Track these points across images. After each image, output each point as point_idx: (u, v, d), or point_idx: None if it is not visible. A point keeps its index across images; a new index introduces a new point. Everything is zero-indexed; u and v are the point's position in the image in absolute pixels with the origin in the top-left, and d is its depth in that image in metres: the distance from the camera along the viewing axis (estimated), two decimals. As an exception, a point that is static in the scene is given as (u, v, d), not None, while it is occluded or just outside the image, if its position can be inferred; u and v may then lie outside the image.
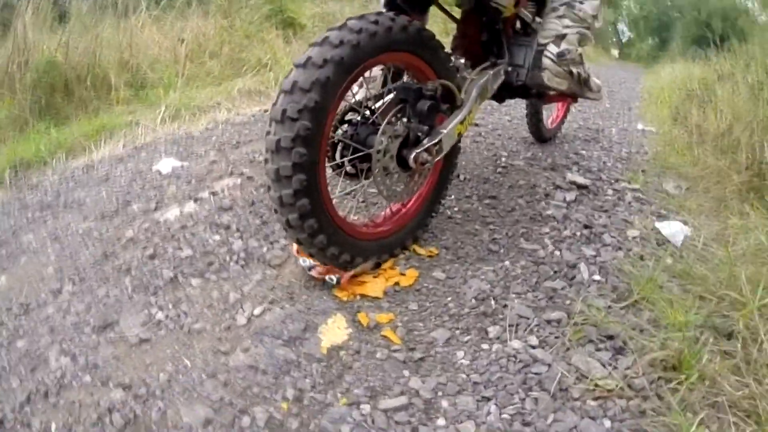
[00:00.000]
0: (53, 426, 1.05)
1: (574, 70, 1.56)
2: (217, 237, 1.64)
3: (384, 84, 1.44)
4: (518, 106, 3.34)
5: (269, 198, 1.22)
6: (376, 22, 1.19)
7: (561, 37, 1.53)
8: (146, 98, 3.22)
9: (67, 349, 1.26)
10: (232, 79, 3.57)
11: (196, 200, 1.92)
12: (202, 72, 3.60)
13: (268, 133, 1.16)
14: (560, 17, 1.54)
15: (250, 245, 1.58)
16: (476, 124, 2.87)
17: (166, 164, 2.32)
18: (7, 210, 2.11)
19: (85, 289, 1.48)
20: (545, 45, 1.54)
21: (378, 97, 1.43)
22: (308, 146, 1.14)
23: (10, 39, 3.23)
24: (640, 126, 3.11)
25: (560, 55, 1.51)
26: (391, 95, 1.39)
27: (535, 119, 2.43)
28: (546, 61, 1.52)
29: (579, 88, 1.61)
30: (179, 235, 1.67)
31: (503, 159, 2.33)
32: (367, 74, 1.64)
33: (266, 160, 1.17)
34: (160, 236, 1.69)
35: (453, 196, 1.90)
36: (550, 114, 2.68)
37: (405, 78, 1.51)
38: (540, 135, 2.51)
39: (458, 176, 2.09)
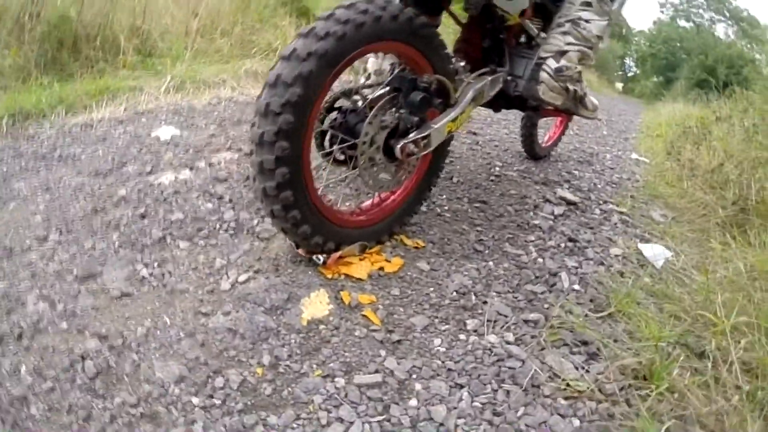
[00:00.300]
0: (23, 368, 1.05)
1: (571, 87, 1.58)
2: (209, 205, 1.64)
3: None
4: (518, 121, 3.39)
5: (253, 189, 1.22)
6: (365, 11, 1.17)
7: (562, 53, 1.55)
8: (152, 66, 3.20)
9: (46, 294, 1.25)
10: (240, 59, 3.57)
11: (191, 168, 1.92)
12: (212, 49, 3.59)
13: (252, 125, 1.17)
14: (564, 33, 1.55)
15: (241, 216, 1.58)
16: (474, 133, 2.91)
17: (165, 131, 2.31)
18: (1, 157, 2.10)
19: (72, 240, 1.47)
20: (545, 59, 1.55)
21: (374, 86, 1.43)
22: (291, 140, 1.14)
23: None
24: (634, 155, 3.17)
25: (558, 71, 1.52)
26: (386, 85, 1.38)
27: (529, 137, 2.46)
28: (543, 75, 1.54)
29: (574, 105, 1.63)
30: (172, 199, 1.67)
31: (497, 168, 2.36)
32: (371, 65, 1.66)
33: (251, 152, 1.18)
34: (153, 198, 1.68)
35: (444, 196, 1.93)
36: (547, 132, 2.72)
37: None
38: (533, 152, 2.54)
39: (451, 178, 2.12)
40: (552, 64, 1.53)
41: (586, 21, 1.52)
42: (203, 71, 3.23)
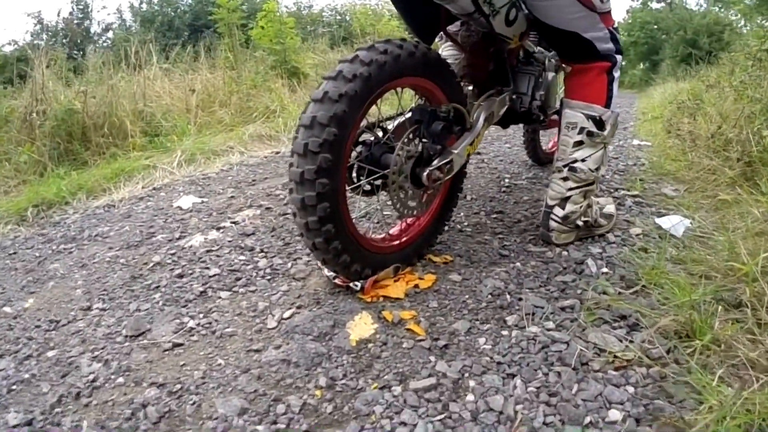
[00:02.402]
0: (84, 424, 1.08)
1: (580, 223, 1.63)
2: (242, 257, 1.72)
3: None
4: (517, 135, 3.49)
5: (295, 224, 1.29)
6: (385, 52, 1.25)
7: (566, 200, 1.59)
8: (161, 145, 3.38)
9: (99, 356, 1.30)
10: (242, 125, 3.74)
11: (218, 229, 2.01)
12: (214, 120, 3.78)
13: (291, 165, 1.23)
14: (564, 179, 1.59)
15: (275, 262, 1.66)
16: (478, 153, 3.00)
17: (186, 201, 2.43)
18: (30, 244, 2.20)
19: (115, 306, 1.54)
20: (552, 208, 1.61)
21: (390, 118, 1.52)
22: (330, 176, 1.21)
23: (27, 89, 3.42)
24: (635, 141, 3.24)
25: (565, 218, 1.59)
26: (405, 116, 1.47)
27: (532, 143, 2.56)
28: (553, 224, 1.61)
29: (588, 233, 1.69)
30: (205, 258, 1.75)
31: (506, 180, 2.44)
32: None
33: (290, 190, 1.25)
34: (187, 259, 1.77)
35: (462, 214, 1.99)
36: (551, 139, 2.81)
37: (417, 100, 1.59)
38: (538, 158, 2.63)
39: (465, 196, 2.19)
40: (558, 212, 1.60)
41: (582, 161, 1.55)
42: (210, 142, 3.40)
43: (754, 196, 1.60)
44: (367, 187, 1.44)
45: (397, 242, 1.52)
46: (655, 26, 18.83)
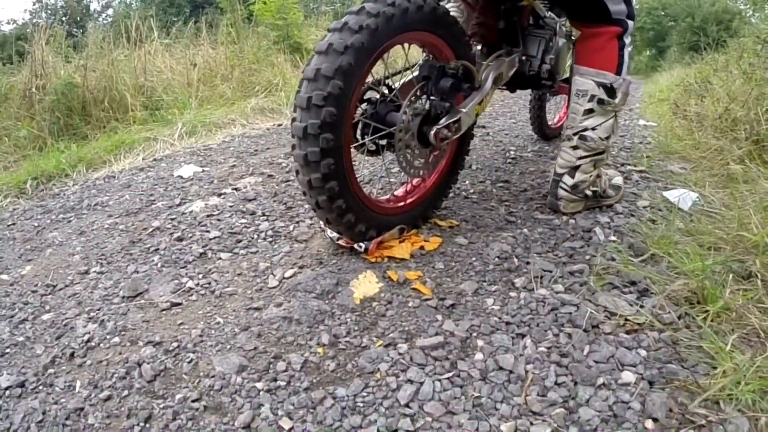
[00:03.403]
0: (78, 384, 1.06)
1: (589, 193, 1.61)
2: (243, 221, 1.69)
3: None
4: (523, 112, 3.45)
5: (298, 181, 1.25)
6: (393, 4, 1.21)
7: (575, 168, 1.57)
8: (162, 118, 3.33)
9: (94, 317, 1.28)
10: (244, 100, 3.69)
11: (220, 195, 1.98)
12: (215, 94, 3.72)
13: (294, 119, 1.19)
14: (574, 148, 1.56)
15: (277, 225, 1.62)
16: (483, 126, 2.96)
17: (187, 170, 2.39)
18: (29, 215, 2.17)
19: (113, 269, 1.51)
20: (561, 176, 1.59)
21: (396, 74, 1.48)
22: (334, 131, 1.17)
23: (26, 65, 3.37)
24: (641, 122, 3.20)
25: (574, 187, 1.57)
26: (412, 73, 1.43)
27: (538, 118, 2.52)
28: (561, 192, 1.59)
29: (596, 203, 1.66)
30: (206, 222, 1.72)
31: (512, 152, 2.40)
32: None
33: (293, 146, 1.21)
34: (187, 224, 1.73)
35: (467, 182, 1.96)
36: (556, 113, 2.77)
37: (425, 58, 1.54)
38: (543, 133, 2.59)
39: (470, 166, 2.16)
40: (568, 181, 1.58)
41: (593, 129, 1.52)
42: (211, 115, 3.35)
43: (764, 171, 1.57)
44: (372, 147, 1.40)
45: (402, 203, 1.49)
46: (663, 12, 18.54)
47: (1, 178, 2.68)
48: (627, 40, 1.52)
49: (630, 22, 1.52)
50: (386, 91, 1.39)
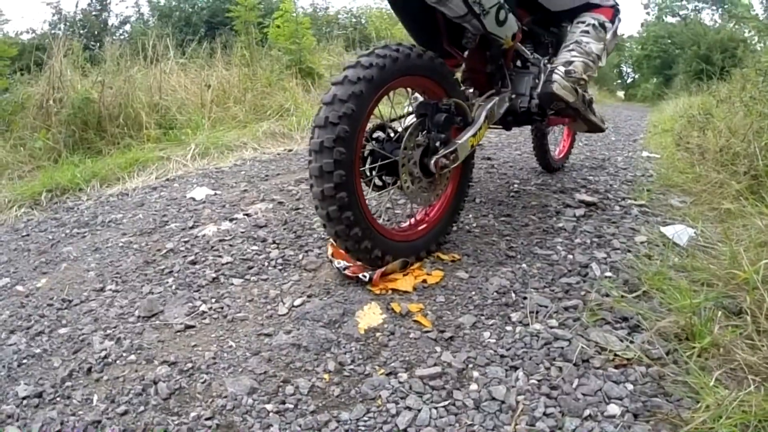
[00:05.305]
0: (95, 398, 1.11)
1: (579, 90, 1.81)
2: (254, 247, 1.76)
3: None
4: (527, 144, 3.53)
5: (311, 194, 1.37)
6: (397, 50, 1.42)
7: (569, 62, 1.80)
8: (175, 137, 3.43)
9: (111, 334, 1.34)
10: (255, 123, 3.79)
11: (231, 220, 2.06)
12: (228, 116, 3.83)
13: (312, 137, 1.34)
14: (569, 50, 1.83)
15: (287, 253, 1.70)
16: (488, 159, 3.04)
17: (199, 192, 2.48)
18: (43, 227, 2.25)
19: (128, 288, 1.59)
20: (556, 66, 1.80)
21: (398, 119, 1.65)
22: (347, 147, 1.32)
23: (44, 76, 3.48)
24: (645, 153, 3.27)
25: (567, 72, 1.77)
26: (413, 114, 1.59)
27: (541, 149, 2.59)
28: (555, 76, 1.76)
29: (583, 106, 1.88)
30: (218, 246, 1.80)
31: (515, 185, 2.47)
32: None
33: (309, 162, 1.35)
34: (200, 247, 1.81)
35: (471, 216, 2.03)
36: (557, 146, 2.85)
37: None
38: (547, 165, 2.67)
39: (474, 199, 2.23)
40: (562, 69, 1.78)
41: (587, 42, 1.83)
42: (223, 137, 3.45)
43: (759, 208, 1.63)
44: (380, 182, 1.52)
45: (408, 233, 1.60)
46: (669, 41, 18.75)
47: (16, 188, 2.77)
48: (617, 23, 1.92)
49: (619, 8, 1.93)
50: (391, 133, 1.55)
